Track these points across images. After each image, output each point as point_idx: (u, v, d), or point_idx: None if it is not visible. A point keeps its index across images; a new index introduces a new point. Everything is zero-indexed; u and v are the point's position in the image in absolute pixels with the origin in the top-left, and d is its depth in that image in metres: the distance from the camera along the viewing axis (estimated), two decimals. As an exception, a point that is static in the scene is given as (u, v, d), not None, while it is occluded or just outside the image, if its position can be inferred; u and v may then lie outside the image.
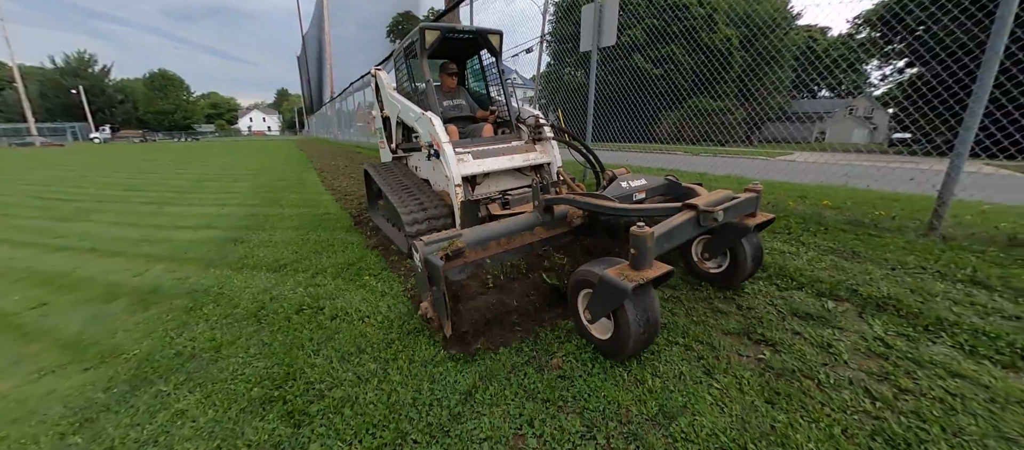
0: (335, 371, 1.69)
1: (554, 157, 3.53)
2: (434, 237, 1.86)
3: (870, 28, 15.90)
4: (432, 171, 3.38)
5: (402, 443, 1.29)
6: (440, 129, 3.00)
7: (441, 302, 1.73)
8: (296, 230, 4.21)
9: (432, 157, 3.04)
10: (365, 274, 2.82)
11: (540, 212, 2.29)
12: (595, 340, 1.74)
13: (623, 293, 1.45)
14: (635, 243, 1.50)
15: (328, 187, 7.30)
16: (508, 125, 3.88)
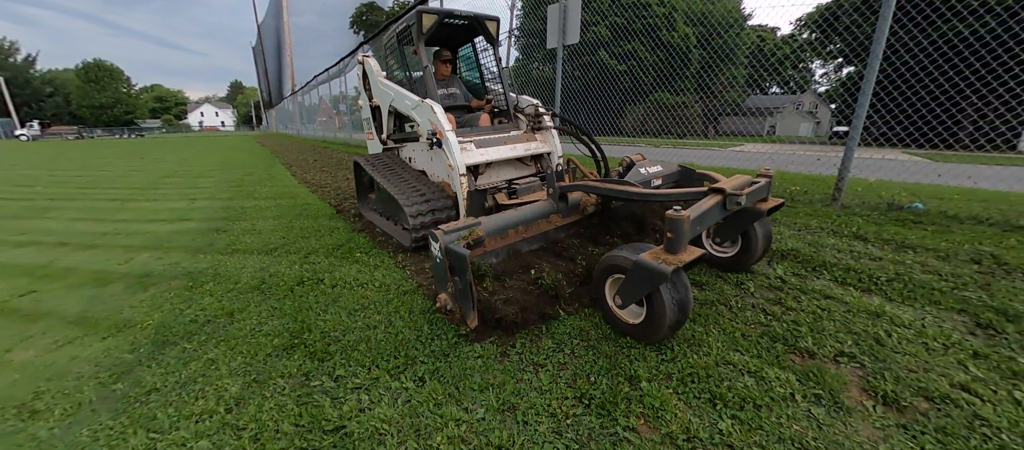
0: (345, 323, 1.98)
1: (554, 146, 3.52)
2: (452, 226, 1.82)
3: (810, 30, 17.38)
4: (429, 161, 3.35)
5: (412, 364, 1.61)
6: (442, 117, 2.92)
7: (467, 292, 1.67)
8: (278, 219, 4.34)
9: (434, 146, 2.95)
10: (356, 252, 3.07)
11: (556, 200, 2.28)
12: (624, 325, 1.72)
13: (662, 276, 1.45)
14: (672, 227, 1.50)
15: (301, 180, 7.32)
16: (505, 114, 3.79)
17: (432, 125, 2.96)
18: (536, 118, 3.51)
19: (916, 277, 2.27)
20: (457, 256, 1.68)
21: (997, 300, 1.98)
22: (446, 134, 2.83)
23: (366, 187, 4.24)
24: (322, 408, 1.39)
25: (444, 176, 3.15)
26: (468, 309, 1.74)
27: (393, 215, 3.50)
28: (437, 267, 1.83)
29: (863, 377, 1.47)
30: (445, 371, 1.57)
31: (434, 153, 3.17)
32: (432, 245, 1.82)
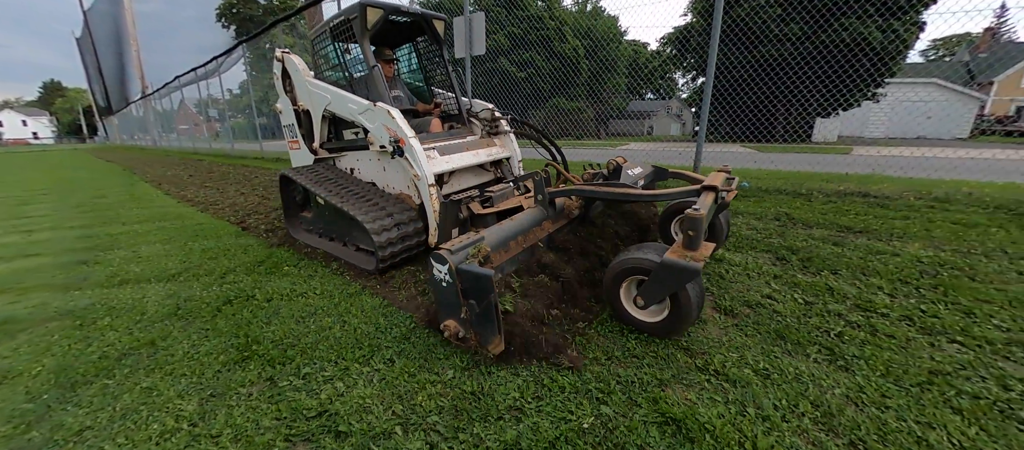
0: (296, 330, 2.02)
1: (514, 151, 3.44)
2: (457, 245, 1.64)
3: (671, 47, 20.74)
4: (382, 172, 3.08)
5: (378, 350, 1.78)
6: (403, 123, 2.66)
7: (490, 316, 1.52)
8: (167, 244, 3.86)
9: (395, 155, 2.65)
10: (284, 266, 2.98)
11: (546, 206, 2.23)
12: (642, 325, 1.76)
13: (694, 273, 1.49)
14: (693, 225, 1.57)
15: (180, 199, 6.41)
16: (458, 119, 3.60)
17: (390, 132, 2.68)
18: (493, 123, 3.41)
19: (743, 233, 3.21)
20: (477, 277, 1.50)
21: (788, 242, 2.97)
22: (409, 142, 2.60)
23: (298, 204, 3.71)
24: (299, 400, 1.49)
25: (402, 187, 2.94)
26: (490, 334, 1.56)
27: (343, 235, 3.11)
28: (443, 292, 1.61)
29: (712, 300, 2.13)
30: (411, 350, 1.78)
31: (389, 162, 2.94)
32: (436, 268, 1.60)
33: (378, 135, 2.78)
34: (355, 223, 2.70)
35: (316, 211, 3.42)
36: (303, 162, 3.81)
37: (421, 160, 2.59)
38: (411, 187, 2.82)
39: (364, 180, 3.27)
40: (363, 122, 2.91)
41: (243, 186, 7.40)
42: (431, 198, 2.59)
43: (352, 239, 3.03)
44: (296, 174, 3.41)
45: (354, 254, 2.97)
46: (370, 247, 2.73)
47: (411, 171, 2.65)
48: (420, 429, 1.33)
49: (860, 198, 4.14)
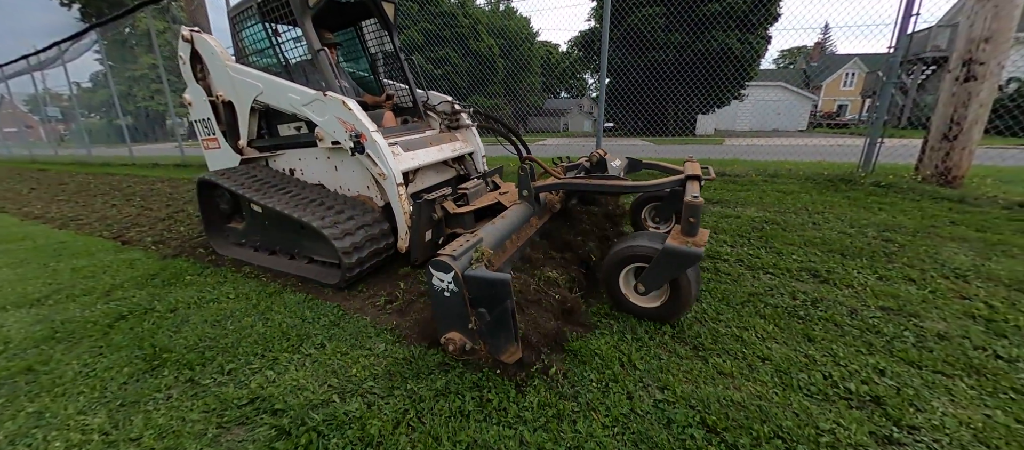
0: (212, 333, 1.97)
1: (477, 146, 3.29)
2: (457, 249, 1.50)
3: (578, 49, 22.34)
4: (333, 172, 2.78)
5: (307, 338, 1.85)
6: (363, 115, 2.40)
7: (506, 323, 1.42)
8: (20, 267, 3.26)
9: (355, 152, 2.41)
10: (185, 276, 2.77)
11: (532, 202, 2.18)
12: (641, 311, 1.82)
13: (696, 258, 1.55)
14: (692, 212, 1.63)
15: (24, 217, 5.32)
16: (412, 112, 3.37)
17: (347, 125, 2.41)
18: (453, 116, 3.23)
19: (635, 213, 3.75)
20: (491, 284, 1.39)
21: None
22: (372, 136, 2.36)
23: (223, 215, 3.19)
24: (227, 393, 1.52)
25: (360, 188, 2.70)
26: (505, 343, 1.46)
27: (289, 247, 2.75)
28: (446, 303, 1.48)
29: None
30: (341, 334, 1.88)
31: (343, 160, 2.67)
32: (438, 278, 1.46)
33: (329, 129, 2.50)
34: (307, 231, 2.44)
35: (250, 221, 2.94)
36: (225, 164, 3.27)
37: (387, 157, 2.36)
38: (371, 187, 2.61)
39: (309, 182, 2.93)
40: (308, 115, 2.58)
41: (113, 197, 6.35)
42: (400, 198, 2.38)
43: (303, 251, 2.68)
44: (221, 178, 2.88)
45: (306, 267, 2.62)
46: (330, 258, 2.51)
47: (374, 169, 2.40)
48: (356, 395, 1.47)
49: (720, 177, 5.13)
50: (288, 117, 2.92)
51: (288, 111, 2.72)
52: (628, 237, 1.88)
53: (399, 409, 1.39)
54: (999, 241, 2.86)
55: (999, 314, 1.92)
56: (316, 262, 2.65)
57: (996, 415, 1.33)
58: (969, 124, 4.17)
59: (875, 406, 1.37)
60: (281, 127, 3.09)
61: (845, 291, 2.19)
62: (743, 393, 1.43)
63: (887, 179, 4.55)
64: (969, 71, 4.07)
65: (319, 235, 2.27)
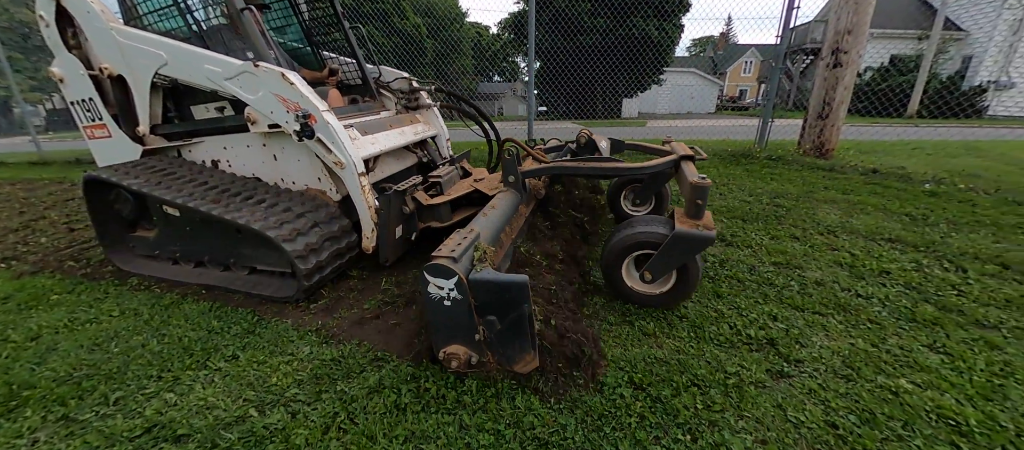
0: (89, 359, 1.65)
1: (441, 128, 3.01)
2: (453, 250, 1.29)
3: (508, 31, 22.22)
4: (272, 162, 2.34)
5: (215, 351, 1.64)
6: (310, 91, 2.02)
7: (523, 328, 1.28)
8: None
9: (302, 137, 2.02)
10: (51, 295, 2.29)
11: (519, 189, 2.02)
12: (645, 298, 1.77)
13: (708, 242, 1.53)
14: (700, 194, 1.57)
15: None
16: (361, 90, 2.96)
17: (290, 105, 1.99)
18: (411, 95, 2.90)
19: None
20: (506, 287, 1.23)
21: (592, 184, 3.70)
22: (323, 115, 1.99)
23: (125, 222, 2.57)
24: (113, 426, 1.29)
25: (308, 180, 2.29)
26: (520, 351, 1.33)
27: (222, 256, 2.28)
28: (446, 312, 1.29)
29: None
30: (257, 341, 1.69)
31: (285, 148, 2.24)
32: (435, 285, 1.26)
33: (264, 109, 2.07)
34: (246, 236, 2.07)
35: (164, 228, 2.39)
36: (120, 157, 2.62)
37: (345, 143, 2.02)
38: (325, 179, 2.23)
39: (241, 175, 2.46)
40: (233, 92, 2.12)
41: (-62, 205, 5.03)
42: (363, 191, 2.06)
43: (241, 260, 2.25)
44: (118, 176, 2.29)
45: (249, 280, 2.21)
46: (279, 266, 2.15)
47: (328, 157, 2.03)
48: (278, 405, 1.34)
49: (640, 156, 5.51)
50: (205, 95, 2.40)
51: (205, 87, 2.23)
52: (628, 224, 1.79)
53: (328, 413, 1.29)
54: (859, 201, 3.44)
55: (859, 260, 2.31)
56: (261, 273, 2.24)
57: (858, 343, 1.61)
58: (837, 104, 4.92)
59: (770, 347, 1.58)
60: (196, 109, 2.54)
61: (745, 251, 2.48)
62: (665, 350, 1.56)
63: (777, 153, 5.23)
64: (836, 59, 4.78)
65: (263, 239, 1.90)
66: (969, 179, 4.17)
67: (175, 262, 2.46)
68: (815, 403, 1.32)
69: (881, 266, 2.24)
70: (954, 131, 9.65)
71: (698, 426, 1.23)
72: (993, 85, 17.34)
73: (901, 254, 2.42)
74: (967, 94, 16.73)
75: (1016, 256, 2.36)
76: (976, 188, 3.83)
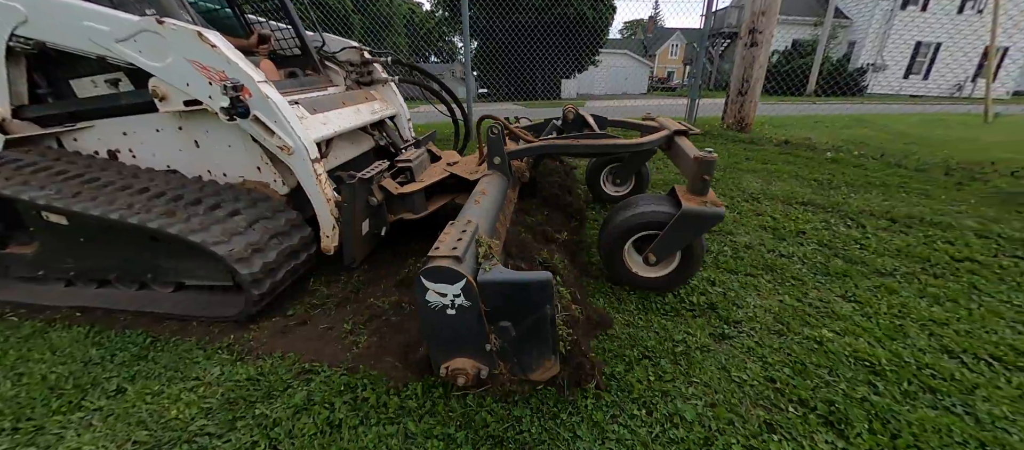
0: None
1: (400, 106, 2.69)
2: (454, 247, 1.09)
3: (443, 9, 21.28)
4: (192, 149, 1.90)
5: (93, 387, 1.33)
6: (238, 55, 1.63)
7: (544, 332, 1.12)
8: None
9: (234, 116, 1.60)
10: None
11: (507, 172, 1.85)
12: (647, 282, 1.72)
13: (718, 218, 1.47)
14: (706, 169, 1.51)
15: None
16: (303, 62, 2.51)
17: (214, 75, 1.58)
18: (364, 68, 2.54)
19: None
20: (524, 288, 1.07)
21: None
22: (262, 89, 1.62)
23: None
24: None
25: (243, 171, 1.89)
26: (540, 357, 1.18)
27: (140, 272, 1.84)
28: (448, 322, 1.10)
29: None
30: (151, 368, 1.41)
31: (208, 131, 1.83)
32: (437, 291, 1.06)
33: (177, 81, 1.63)
34: (166, 244, 1.65)
35: (48, 242, 1.89)
36: None
37: (291, 122, 1.66)
38: (266, 168, 1.85)
39: (149, 168, 1.98)
40: (130, 58, 1.64)
41: None
42: (319, 181, 1.74)
43: (161, 276, 1.82)
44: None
45: (175, 300, 1.79)
46: (216, 279, 1.74)
47: (270, 141, 1.67)
48: (180, 443, 1.11)
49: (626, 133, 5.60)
50: (90, 65, 1.88)
51: (88, 53, 1.72)
52: (628, 204, 1.70)
53: (245, 444, 1.10)
54: (775, 170, 3.76)
55: (780, 224, 2.51)
56: (191, 289, 1.84)
57: (785, 299, 1.72)
58: (754, 82, 5.32)
59: (711, 311, 1.64)
60: (79, 83, 2.00)
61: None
62: (616, 325, 1.55)
63: (705, 129, 5.57)
64: (753, 38, 5.14)
65: (191, 247, 1.52)
66: (860, 146, 4.76)
67: (69, 283, 1.95)
68: (754, 360, 1.38)
69: (798, 227, 2.45)
70: (845, 107, 11.05)
71: (652, 399, 1.22)
72: (871, 67, 20.16)
73: (813, 215, 2.67)
74: (852, 74, 19.29)
75: (900, 211, 2.71)
76: (866, 154, 4.38)
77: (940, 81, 20.15)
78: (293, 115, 1.70)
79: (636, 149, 1.95)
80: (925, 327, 1.55)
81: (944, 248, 2.17)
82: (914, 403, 1.21)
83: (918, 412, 1.17)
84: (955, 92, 19.61)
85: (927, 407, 1.19)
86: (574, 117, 2.64)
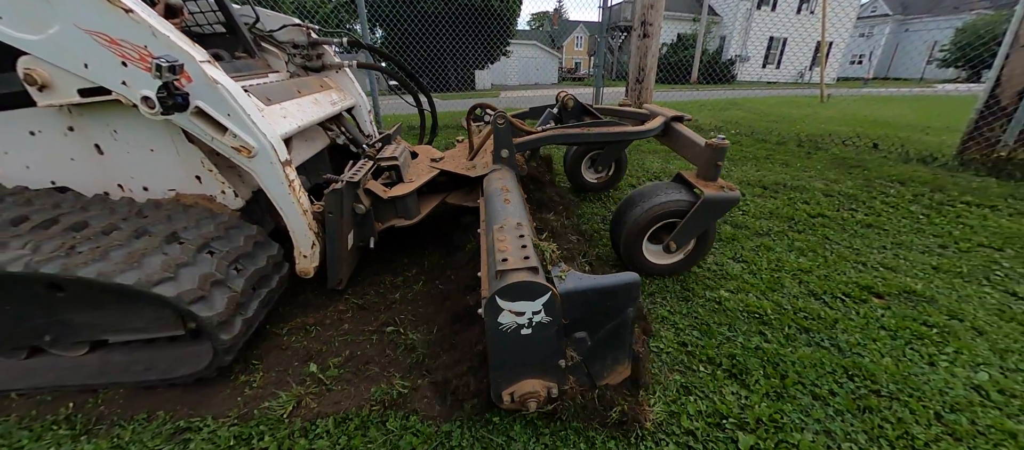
0: None
1: (358, 96, 2.37)
2: (522, 256, 0.96)
3: (340, -5, 19.55)
4: (95, 156, 1.41)
5: None
6: (166, 25, 1.21)
7: (623, 334, 1.02)
8: None
9: (170, 109, 1.20)
10: None
11: (514, 166, 1.71)
12: (663, 269, 1.74)
13: (734, 202, 1.54)
14: (719, 155, 1.53)
15: None
16: (231, 43, 2.00)
17: (128, 50, 1.17)
18: (312, 50, 2.14)
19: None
20: (611, 293, 0.97)
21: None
22: (209, 72, 1.25)
23: None
24: None
25: (179, 182, 1.46)
26: (613, 362, 1.08)
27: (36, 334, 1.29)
28: (522, 344, 0.96)
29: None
30: None
31: (124, 129, 1.37)
32: (511, 312, 0.92)
33: (67, 62, 1.18)
34: (75, 292, 1.20)
35: None
36: None
37: (252, 116, 1.31)
38: (210, 177, 1.44)
39: (19, 187, 1.44)
40: None
41: None
42: (292, 189, 1.40)
43: (69, 335, 1.31)
44: None
45: (103, 364, 1.32)
46: (160, 329, 1.30)
47: (222, 142, 1.30)
48: None
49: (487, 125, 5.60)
50: None
51: None
52: (642, 197, 1.67)
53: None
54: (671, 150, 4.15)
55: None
56: (123, 347, 1.36)
57: (688, 268, 1.88)
58: (648, 70, 5.80)
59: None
60: None
61: (595, 204, 2.70)
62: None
63: (611, 114, 5.95)
64: (644, 30, 5.58)
65: (118, 292, 1.10)
66: (735, 126, 5.49)
67: None
68: (668, 328, 1.47)
69: (694, 200, 2.72)
70: (722, 92, 12.71)
71: (580, 383, 1.22)
72: (738, 58, 23.55)
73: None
74: (724, 65, 22.33)
75: (769, 178, 3.16)
76: (740, 132, 5.06)
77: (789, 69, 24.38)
78: (253, 106, 1.35)
79: (642, 136, 1.94)
80: (796, 276, 1.80)
81: (803, 207, 2.58)
82: (795, 345, 1.39)
83: (798, 352, 1.35)
84: (799, 78, 23.93)
85: (804, 346, 1.38)
86: (574, 105, 2.50)
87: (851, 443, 1.05)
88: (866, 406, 1.15)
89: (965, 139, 3.61)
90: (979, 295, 1.67)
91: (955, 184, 2.96)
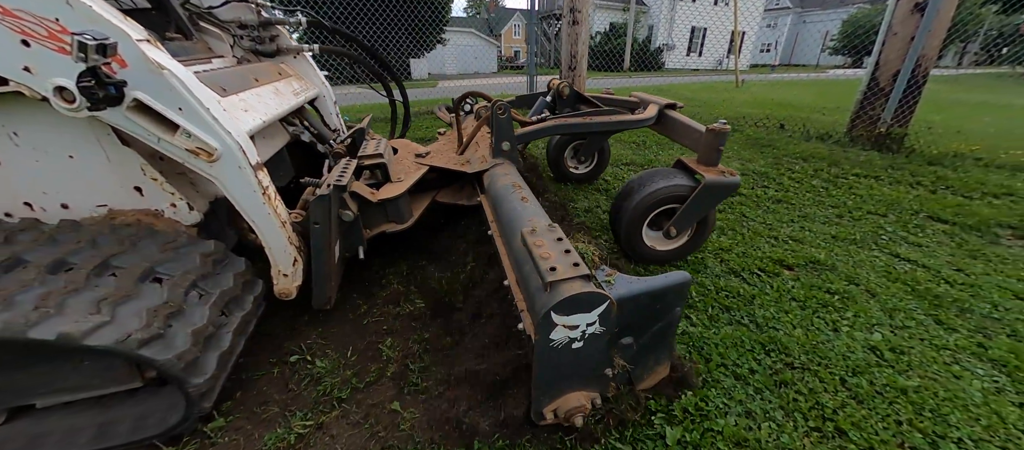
0: None
1: (323, 86, 2.06)
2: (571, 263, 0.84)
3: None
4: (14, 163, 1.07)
5: None
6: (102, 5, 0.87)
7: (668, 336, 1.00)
8: None
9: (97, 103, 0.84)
10: None
11: (514, 158, 1.62)
12: (662, 256, 1.72)
13: (735, 187, 1.55)
14: (721, 140, 1.53)
15: None
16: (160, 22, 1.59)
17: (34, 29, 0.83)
18: (263, 32, 1.83)
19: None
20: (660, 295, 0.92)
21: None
22: (149, 52, 0.94)
23: None
24: None
25: (113, 195, 1.16)
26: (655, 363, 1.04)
27: None
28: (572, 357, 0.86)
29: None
30: None
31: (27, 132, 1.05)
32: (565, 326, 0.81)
33: None
34: None
35: None
36: None
37: (212, 110, 1.05)
38: (155, 188, 1.17)
39: None
40: None
41: None
42: (267, 197, 1.16)
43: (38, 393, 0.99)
44: None
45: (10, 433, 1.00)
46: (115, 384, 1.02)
47: (174, 143, 1.03)
48: None
49: (428, 115, 5.36)
50: None
51: None
52: (641, 183, 1.65)
53: None
54: (605, 135, 4.21)
55: (610, 185, 2.76)
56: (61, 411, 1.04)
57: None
58: (580, 57, 5.84)
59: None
60: None
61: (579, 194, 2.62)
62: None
63: (547, 102, 5.94)
64: (574, 17, 5.59)
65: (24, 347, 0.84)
66: (663, 111, 5.75)
67: None
68: (599, 321, 1.42)
69: (626, 185, 2.74)
70: (652, 79, 13.36)
71: (506, 394, 1.12)
72: (665, 46, 24.95)
73: (635, 173, 3.04)
74: (653, 53, 23.55)
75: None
76: (667, 116, 5.30)
77: (709, 57, 26.30)
78: (212, 98, 1.09)
79: (641, 125, 1.91)
80: (717, 255, 1.86)
81: (723, 187, 2.71)
82: (718, 325, 1.40)
83: (721, 332, 1.36)
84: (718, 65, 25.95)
85: (726, 325, 1.40)
86: (570, 93, 2.37)
87: (770, 421, 1.06)
88: (782, 380, 1.18)
89: (853, 118, 4.06)
90: (870, 260, 1.83)
91: (847, 158, 3.30)
